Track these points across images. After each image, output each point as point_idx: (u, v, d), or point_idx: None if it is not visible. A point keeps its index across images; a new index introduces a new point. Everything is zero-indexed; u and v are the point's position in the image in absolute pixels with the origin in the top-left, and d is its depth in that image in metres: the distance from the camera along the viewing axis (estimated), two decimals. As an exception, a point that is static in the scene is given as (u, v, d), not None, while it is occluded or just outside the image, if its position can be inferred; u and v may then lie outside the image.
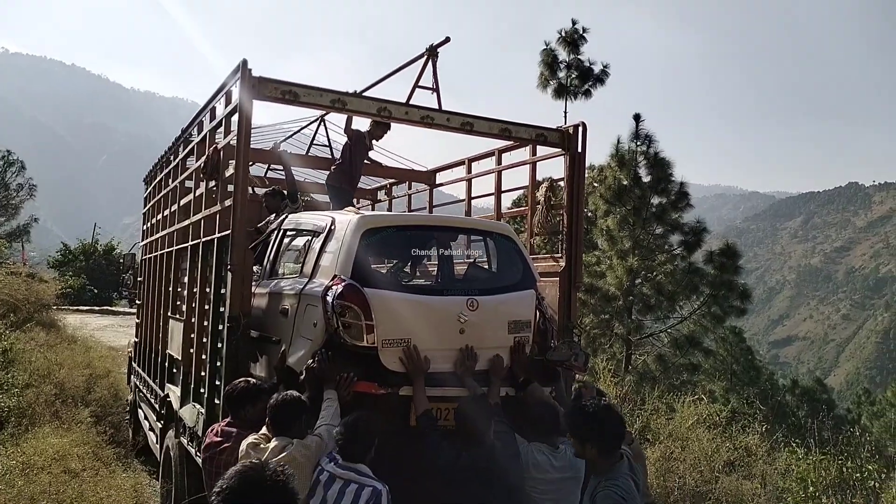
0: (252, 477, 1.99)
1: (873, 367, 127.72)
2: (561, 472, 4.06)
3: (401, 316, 4.40)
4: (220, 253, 5.26)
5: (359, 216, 4.76)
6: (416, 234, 5.16)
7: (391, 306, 4.39)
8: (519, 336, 4.81)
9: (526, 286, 5.01)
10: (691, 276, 14.26)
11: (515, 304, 4.88)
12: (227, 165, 5.33)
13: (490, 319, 4.69)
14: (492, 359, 4.68)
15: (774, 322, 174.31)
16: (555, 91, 19.54)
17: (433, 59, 6.10)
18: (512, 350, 4.77)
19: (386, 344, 4.34)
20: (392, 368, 4.37)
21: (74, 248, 34.58)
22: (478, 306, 4.59)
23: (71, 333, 15.04)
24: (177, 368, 6.55)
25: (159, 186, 8.88)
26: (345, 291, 4.27)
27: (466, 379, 4.47)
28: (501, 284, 5.01)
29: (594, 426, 3.32)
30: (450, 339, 4.55)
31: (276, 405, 3.89)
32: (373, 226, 4.69)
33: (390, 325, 4.35)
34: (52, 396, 8.96)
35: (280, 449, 3.70)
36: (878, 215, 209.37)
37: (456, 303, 4.59)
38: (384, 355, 4.35)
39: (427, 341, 4.46)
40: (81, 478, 6.24)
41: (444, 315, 4.55)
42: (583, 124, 6.15)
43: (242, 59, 4.88)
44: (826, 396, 23.48)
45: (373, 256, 4.55)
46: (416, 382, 4.28)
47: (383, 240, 4.74)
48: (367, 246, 4.54)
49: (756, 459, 8.10)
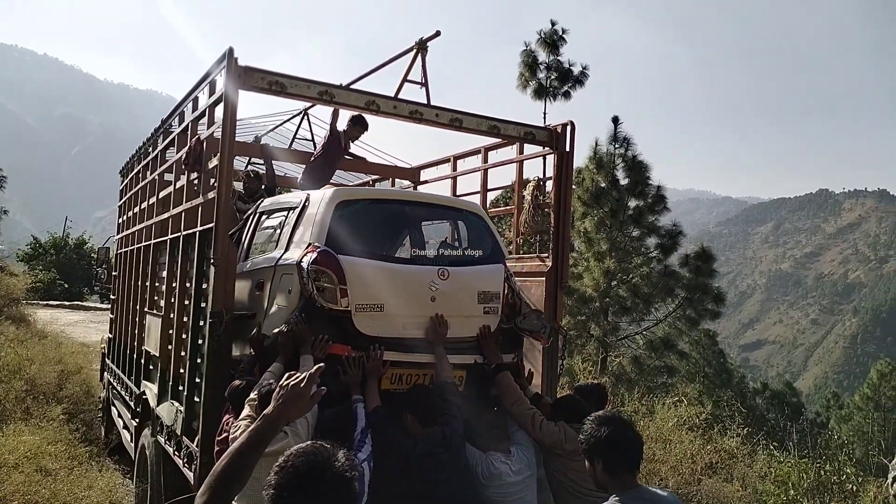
0: (320, 462, 1.82)
1: (841, 372, 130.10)
2: (519, 474, 4.26)
3: (374, 282, 4.55)
4: (202, 247, 5.12)
5: (333, 189, 4.96)
6: (389, 207, 5.32)
7: (364, 273, 4.53)
8: (488, 306, 4.97)
9: (495, 260, 5.19)
10: (667, 278, 14.35)
11: (485, 276, 5.04)
12: (211, 157, 5.20)
13: (460, 289, 4.85)
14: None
15: (745, 326, 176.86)
16: (534, 92, 19.50)
17: (423, 53, 6.01)
18: (480, 336, 4.89)
19: (359, 308, 4.47)
20: (365, 332, 4.49)
21: (45, 241, 34.01)
22: (448, 276, 4.76)
23: (41, 328, 14.74)
24: (154, 365, 6.39)
25: (137, 178, 8.69)
26: (319, 257, 4.41)
27: (438, 348, 4.59)
28: (472, 257, 5.17)
29: (604, 444, 2.93)
30: (421, 306, 4.69)
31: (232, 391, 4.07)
32: (346, 198, 4.86)
33: (363, 290, 4.49)
34: (23, 393, 8.76)
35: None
36: (848, 222, 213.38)
37: (428, 272, 4.76)
38: (357, 319, 4.47)
39: (399, 308, 4.62)
40: (55, 477, 6.07)
41: (416, 283, 4.70)
42: (571, 123, 6.10)
43: (229, 48, 4.75)
44: (796, 400, 23.81)
45: (346, 227, 4.67)
46: (371, 382, 4.36)
47: (356, 212, 4.87)
48: (341, 217, 4.68)
49: (737, 462, 8.14)
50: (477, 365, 4.89)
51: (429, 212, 5.69)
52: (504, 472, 4.22)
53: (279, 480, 1.79)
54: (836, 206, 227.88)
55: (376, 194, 5.68)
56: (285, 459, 1.83)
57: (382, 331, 4.57)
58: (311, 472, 1.79)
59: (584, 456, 2.99)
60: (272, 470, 1.82)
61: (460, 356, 4.83)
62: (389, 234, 5.54)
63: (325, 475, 1.79)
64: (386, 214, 5.26)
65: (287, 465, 1.81)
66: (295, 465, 1.80)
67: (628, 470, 2.88)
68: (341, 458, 1.84)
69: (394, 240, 5.67)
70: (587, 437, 2.96)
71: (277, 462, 1.84)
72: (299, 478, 1.78)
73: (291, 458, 1.83)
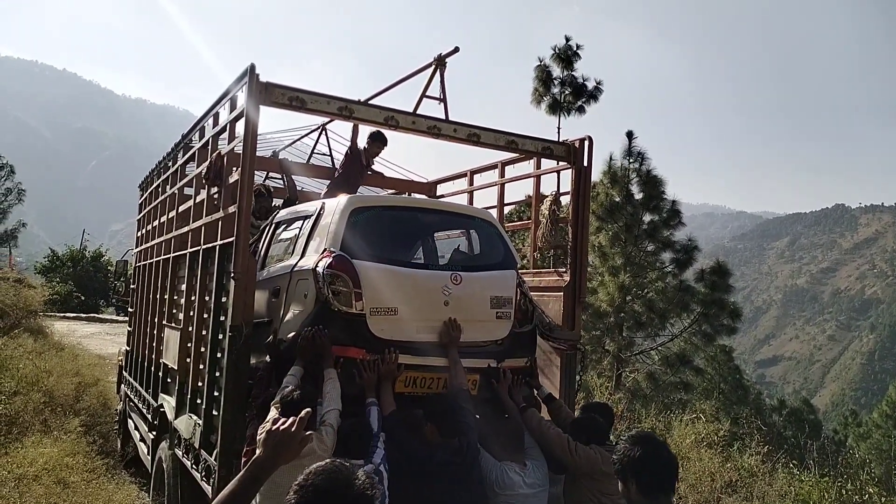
0: (341, 480, 1.81)
1: (858, 389, 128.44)
2: (532, 487, 4.31)
3: (388, 286, 4.66)
4: (222, 260, 5.15)
5: (347, 197, 5.11)
6: (402, 214, 5.42)
7: (379, 277, 4.64)
8: (500, 311, 5.05)
9: (507, 266, 5.31)
10: (682, 293, 14.25)
11: (497, 281, 5.15)
12: (231, 172, 5.24)
13: (473, 294, 4.96)
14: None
15: (761, 342, 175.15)
16: (549, 107, 19.55)
17: (441, 68, 6.05)
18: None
19: (374, 312, 4.58)
20: (379, 336, 4.59)
21: (62, 254, 34.25)
22: (461, 281, 4.88)
23: (58, 340, 14.83)
24: (172, 378, 6.41)
25: (156, 192, 8.76)
26: (335, 262, 4.52)
27: (452, 352, 4.69)
28: (484, 263, 5.36)
29: (638, 464, 2.86)
30: (435, 310, 4.79)
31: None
32: (360, 205, 5.00)
33: (378, 294, 4.60)
34: (41, 405, 8.80)
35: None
36: (864, 237, 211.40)
37: (441, 277, 4.90)
38: (372, 322, 4.58)
39: (413, 311, 4.73)
40: (75, 489, 6.09)
41: (429, 287, 4.82)
42: (589, 138, 6.11)
43: (250, 64, 4.80)
44: (813, 417, 23.54)
45: (360, 233, 4.79)
46: (385, 385, 4.45)
47: (370, 218, 4.99)
48: (355, 223, 4.80)
49: (756, 480, 8.04)
50: (491, 369, 4.96)
51: (441, 219, 5.79)
52: (518, 483, 4.27)
53: (299, 499, 1.79)
54: (853, 221, 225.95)
55: (389, 202, 5.81)
56: (305, 478, 1.83)
57: (396, 334, 4.66)
58: (332, 490, 1.79)
59: (618, 476, 2.92)
60: (292, 489, 1.82)
61: (474, 360, 4.91)
62: (403, 240, 5.61)
63: (345, 494, 1.79)
64: (399, 221, 5.34)
65: (307, 483, 1.81)
66: (315, 484, 1.80)
67: (663, 491, 2.81)
68: (361, 477, 1.84)
69: (407, 245, 5.75)
70: (621, 457, 2.89)
71: (297, 481, 1.84)
72: (320, 496, 1.78)
73: (311, 477, 1.82)
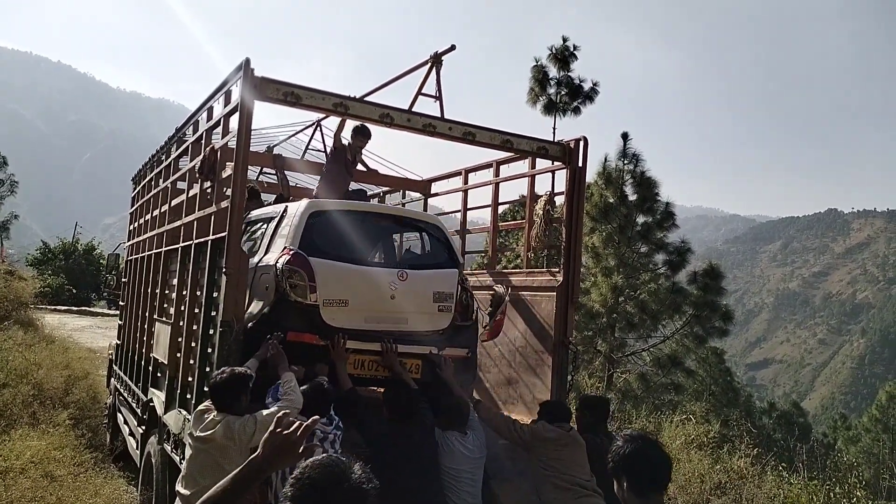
0: (336, 474, 1.79)
1: (848, 393, 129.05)
2: (472, 453, 4.93)
3: (340, 281, 5.27)
4: (214, 255, 5.13)
5: (308, 201, 5.71)
6: (357, 217, 5.87)
7: (332, 272, 5.24)
8: (442, 305, 5.68)
9: (450, 266, 5.92)
10: (675, 295, 14.26)
11: (440, 279, 5.77)
12: (225, 166, 5.22)
13: (417, 289, 5.57)
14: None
15: (752, 344, 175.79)
16: (544, 107, 19.52)
17: (437, 66, 6.03)
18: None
19: (327, 303, 5.17)
20: (331, 324, 5.19)
21: (54, 246, 34.12)
22: (407, 277, 5.51)
23: (49, 333, 14.74)
24: (162, 373, 6.38)
25: (149, 186, 8.72)
26: (292, 258, 5.09)
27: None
28: (429, 263, 5.95)
29: (630, 462, 2.85)
30: (382, 302, 5.40)
31: (216, 383, 4.14)
32: (318, 209, 5.56)
33: (331, 287, 5.20)
34: (30, 397, 8.74)
35: (213, 424, 4.03)
36: (857, 242, 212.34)
37: (388, 273, 5.51)
38: (325, 312, 5.17)
39: (362, 303, 5.35)
40: (62, 483, 6.05)
41: (377, 282, 5.41)
42: (584, 139, 6.11)
43: (245, 58, 4.78)
44: (803, 420, 23.63)
45: (317, 234, 5.36)
46: (339, 366, 5.06)
47: (327, 220, 5.53)
48: (313, 225, 5.38)
49: (746, 483, 8.06)
50: (432, 355, 5.56)
51: (393, 223, 6.39)
52: (458, 448, 4.87)
53: (295, 493, 1.76)
54: (845, 225, 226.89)
55: (345, 206, 6.13)
56: (301, 471, 1.80)
57: (347, 323, 5.26)
58: (328, 484, 1.76)
59: (611, 474, 2.91)
60: (288, 482, 1.80)
61: (418, 347, 5.55)
62: (356, 241, 5.96)
63: (341, 488, 1.76)
64: (353, 224, 5.75)
65: (303, 476, 1.78)
66: (312, 478, 1.77)
67: (655, 490, 2.80)
68: (357, 471, 1.81)
69: (360, 245, 6.07)
70: (613, 455, 2.90)
71: (294, 474, 1.81)
72: (316, 490, 1.75)
73: (307, 471, 1.80)
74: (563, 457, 4.96)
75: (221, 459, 3.92)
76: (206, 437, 4.02)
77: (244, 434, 3.99)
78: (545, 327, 6.19)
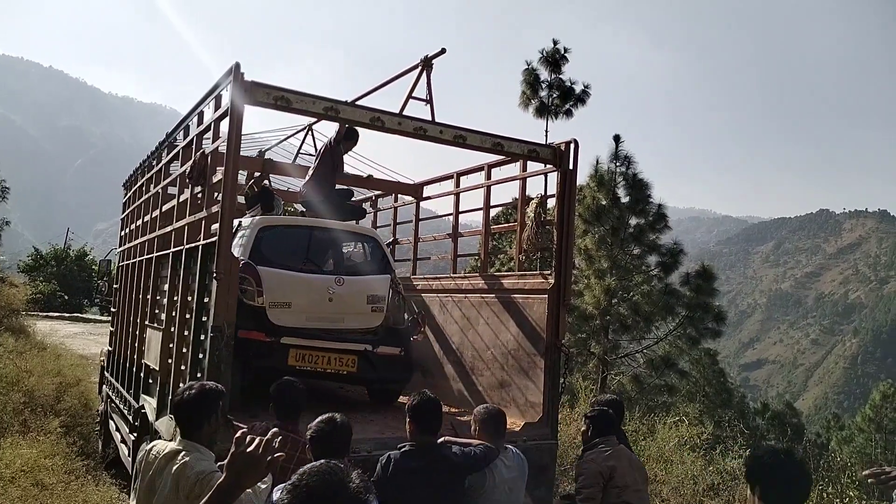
0: (335, 482, 1.73)
1: (841, 392, 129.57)
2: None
3: (284, 286, 6.12)
4: (205, 260, 5.11)
5: (259, 218, 6.69)
6: (301, 231, 6.85)
7: (277, 279, 6.09)
8: (375, 306, 6.51)
9: (384, 272, 6.80)
10: (668, 297, 14.29)
11: (374, 283, 6.63)
12: (215, 171, 5.21)
13: (353, 293, 6.46)
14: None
15: (745, 345, 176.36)
16: (536, 110, 19.57)
17: (427, 70, 6.04)
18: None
19: (272, 305, 6.00)
20: (277, 323, 5.99)
21: (46, 252, 33.92)
22: (344, 283, 6.39)
23: (41, 340, 14.64)
24: (153, 379, 6.34)
25: (140, 191, 8.69)
26: (243, 268, 5.67)
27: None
28: (365, 270, 6.82)
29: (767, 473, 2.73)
30: (321, 304, 6.26)
31: (183, 401, 3.34)
32: (267, 224, 6.56)
33: (275, 292, 6.04)
34: (21, 405, 8.69)
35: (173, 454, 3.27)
36: (848, 242, 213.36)
37: (327, 279, 6.38)
38: (271, 313, 5.99)
39: (304, 305, 6.18)
40: (52, 491, 6.01)
41: (317, 287, 6.30)
42: (575, 141, 6.11)
43: (235, 63, 4.76)
44: (796, 420, 23.65)
45: (266, 246, 6.27)
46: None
47: (275, 234, 6.53)
48: (263, 238, 6.30)
49: (739, 483, 8.07)
50: (368, 352, 6.31)
51: (333, 236, 7.04)
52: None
53: (292, 500, 1.72)
54: (837, 226, 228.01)
55: (291, 222, 7.22)
56: (299, 478, 1.76)
57: (289, 322, 6.06)
58: (327, 493, 1.73)
59: (747, 480, 2.83)
60: (285, 488, 1.76)
61: (353, 344, 6.30)
62: (299, 252, 6.71)
63: (340, 496, 1.73)
64: (298, 237, 6.72)
65: (301, 483, 1.74)
66: (309, 485, 1.73)
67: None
68: (356, 480, 1.77)
69: (303, 255, 6.76)
70: (752, 461, 2.82)
71: (291, 480, 1.77)
72: (314, 498, 1.72)
73: (305, 478, 1.75)
74: (628, 482, 4.56)
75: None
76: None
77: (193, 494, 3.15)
78: (537, 330, 6.19)
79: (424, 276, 8.53)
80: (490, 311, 6.89)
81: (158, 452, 3.37)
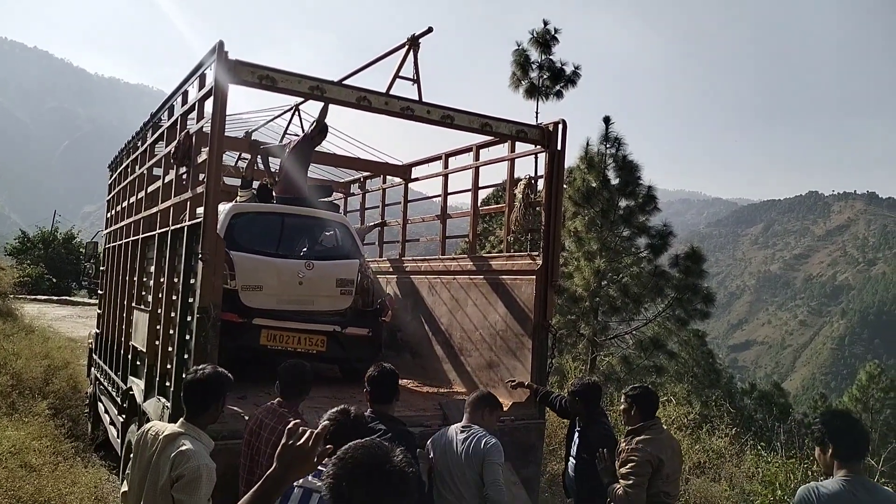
0: (380, 455, 1.83)
1: (828, 373, 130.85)
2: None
3: (255, 270, 6.43)
4: (190, 242, 5.08)
5: (231, 204, 6.98)
6: (272, 217, 7.11)
7: (249, 263, 6.41)
8: (344, 290, 6.84)
9: (353, 257, 7.11)
10: (657, 278, 14.32)
11: (342, 267, 6.94)
12: (200, 151, 5.16)
13: (322, 276, 6.76)
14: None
15: (734, 326, 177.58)
16: (526, 91, 19.43)
17: (415, 49, 5.99)
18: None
19: (244, 288, 6.34)
20: (248, 305, 6.33)
21: (33, 235, 33.69)
22: (314, 267, 6.68)
23: (28, 323, 14.56)
24: (141, 361, 6.32)
25: (125, 173, 8.61)
26: None
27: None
28: (334, 255, 7.08)
29: (838, 433, 3.23)
30: (292, 288, 6.58)
31: (193, 381, 3.41)
32: (239, 211, 6.89)
33: (248, 275, 6.36)
34: (9, 387, 8.64)
35: (174, 437, 3.30)
36: (837, 224, 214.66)
37: (297, 264, 6.68)
38: (243, 296, 6.33)
39: (275, 288, 6.51)
40: (40, 472, 6.00)
41: (288, 271, 6.63)
42: (563, 122, 6.10)
43: (219, 41, 4.71)
44: (783, 401, 23.85)
45: (238, 231, 6.57)
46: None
47: (247, 220, 6.87)
48: (235, 224, 6.61)
49: (724, 462, 8.14)
50: (337, 332, 6.64)
51: (304, 221, 7.24)
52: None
53: (338, 471, 1.80)
54: (826, 208, 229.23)
55: (263, 208, 7.28)
56: (345, 451, 1.85)
57: (261, 304, 6.39)
58: (373, 464, 1.81)
59: (816, 444, 3.35)
60: (331, 462, 1.84)
61: (322, 325, 6.62)
62: (270, 237, 6.98)
63: (384, 468, 1.81)
64: (269, 223, 7.01)
65: (346, 456, 1.83)
66: (355, 457, 1.82)
67: (856, 459, 3.20)
68: (399, 455, 1.86)
69: (274, 240, 7.00)
70: (821, 426, 3.32)
71: (337, 454, 1.87)
72: (359, 468, 1.79)
73: (351, 451, 1.84)
74: (672, 471, 4.54)
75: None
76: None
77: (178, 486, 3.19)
78: (525, 311, 6.20)
79: (413, 258, 8.52)
80: (479, 292, 6.89)
81: (158, 432, 3.42)
